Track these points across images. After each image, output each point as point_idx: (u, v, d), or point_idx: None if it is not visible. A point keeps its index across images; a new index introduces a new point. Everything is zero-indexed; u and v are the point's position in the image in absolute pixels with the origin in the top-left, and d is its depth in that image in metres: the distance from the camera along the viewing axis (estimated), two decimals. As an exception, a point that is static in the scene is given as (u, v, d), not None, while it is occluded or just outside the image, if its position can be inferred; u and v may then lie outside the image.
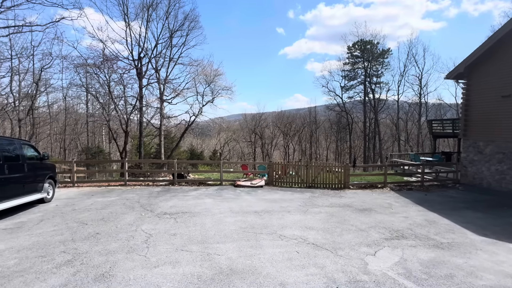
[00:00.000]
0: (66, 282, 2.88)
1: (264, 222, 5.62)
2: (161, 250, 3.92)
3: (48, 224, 5.29)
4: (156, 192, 9.43)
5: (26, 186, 6.58)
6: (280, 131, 48.02)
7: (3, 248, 3.92)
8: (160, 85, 21.45)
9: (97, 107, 25.47)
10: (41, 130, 24.31)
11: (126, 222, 5.46)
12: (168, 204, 7.37)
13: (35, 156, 7.24)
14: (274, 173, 11.52)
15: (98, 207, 6.85)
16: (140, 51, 19.72)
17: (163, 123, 22.46)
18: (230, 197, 8.65)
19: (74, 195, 8.85)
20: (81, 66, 16.94)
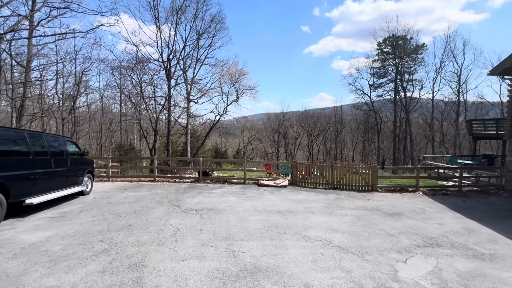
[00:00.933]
0: (104, 269, 3.11)
1: (287, 222, 5.59)
2: (188, 244, 4.07)
3: (87, 214, 5.74)
4: (183, 189, 9.79)
5: (69, 179, 7.19)
6: (304, 131, 47.28)
7: (50, 235, 4.34)
8: (187, 85, 22.21)
9: (130, 107, 27.08)
10: (80, 128, 26.39)
11: (156, 216, 5.75)
12: (194, 200, 7.63)
13: (76, 152, 7.88)
14: (298, 173, 11.39)
15: (130, 201, 7.29)
16: (169, 53, 20.58)
17: (189, 122, 23.24)
18: (254, 195, 8.72)
19: (109, 188, 9.50)
20: (116, 69, 18.11)
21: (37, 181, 5.79)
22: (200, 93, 22.28)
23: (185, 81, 21.45)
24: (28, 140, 5.71)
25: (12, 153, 5.23)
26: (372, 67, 38.67)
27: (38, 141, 6.06)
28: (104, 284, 2.77)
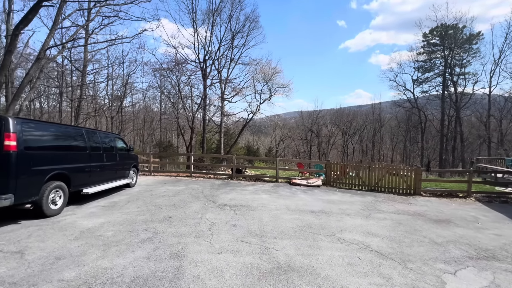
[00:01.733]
0: (149, 256, 3.39)
1: (321, 222, 5.47)
2: (223, 238, 4.22)
3: (133, 205, 6.27)
4: (217, 185, 10.14)
5: (117, 172, 7.92)
6: (338, 130, 45.56)
7: (103, 222, 4.84)
8: (221, 85, 22.87)
9: (169, 106, 28.79)
10: (126, 126, 28.81)
11: (193, 210, 6.06)
12: (228, 196, 7.86)
13: (124, 148, 8.64)
14: (332, 173, 11.04)
15: (170, 194, 7.78)
16: (205, 54, 21.37)
17: (223, 120, 23.93)
18: (286, 194, 8.69)
19: (151, 182, 10.24)
20: (157, 70, 19.39)
21: (92, 173, 6.49)
22: (233, 92, 22.80)
23: (219, 81, 22.11)
24: (85, 137, 6.43)
25: (73, 148, 5.93)
26: (416, 60, 35.68)
27: (93, 137, 6.79)
28: (149, 269, 3.02)
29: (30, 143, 4.67)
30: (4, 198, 4.10)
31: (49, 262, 3.10)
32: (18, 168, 4.34)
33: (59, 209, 5.27)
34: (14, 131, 4.36)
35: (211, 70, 21.84)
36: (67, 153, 5.66)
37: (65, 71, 17.41)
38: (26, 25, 8.14)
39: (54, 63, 15.46)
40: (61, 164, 5.36)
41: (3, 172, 4.20)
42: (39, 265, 3.00)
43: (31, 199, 4.63)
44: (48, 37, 9.05)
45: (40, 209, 4.83)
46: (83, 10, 14.53)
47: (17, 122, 4.47)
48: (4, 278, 2.67)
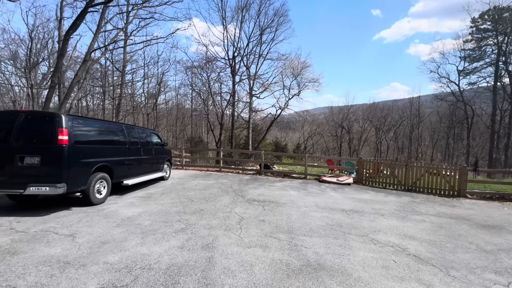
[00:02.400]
0: (182, 246, 3.56)
1: (353, 222, 5.28)
2: (252, 233, 4.28)
3: (167, 197, 6.63)
4: (246, 180, 10.29)
5: (153, 165, 8.42)
6: (371, 125, 43.30)
7: (141, 211, 5.20)
8: (250, 81, 23.01)
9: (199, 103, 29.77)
10: (160, 122, 30.45)
11: (222, 203, 6.22)
12: (256, 192, 7.93)
13: (158, 143, 9.14)
14: (365, 171, 10.56)
15: (200, 188, 8.08)
16: (234, 51, 21.64)
17: (251, 116, 24.10)
18: (315, 191, 8.52)
19: (183, 176, 10.73)
20: (189, 68, 20.11)
21: (131, 166, 6.98)
22: (262, 87, 22.82)
23: (248, 77, 22.25)
24: (125, 132, 6.92)
25: (115, 142, 6.42)
26: (462, 49, 32.30)
27: (131, 133, 7.28)
28: (183, 258, 3.17)
29: (79, 138, 5.15)
30: (59, 186, 4.60)
31: (96, 245, 3.41)
32: (70, 160, 4.82)
33: (103, 198, 5.76)
34: (66, 126, 4.84)
35: (240, 67, 22.10)
36: (110, 147, 6.14)
37: (107, 72, 18.87)
38: (75, 30, 8.92)
39: (98, 64, 16.85)
40: (104, 157, 5.84)
41: (58, 163, 4.70)
42: (88, 248, 3.32)
43: (80, 188, 5.13)
44: (93, 40, 9.84)
45: (87, 197, 5.33)
46: (122, 13, 15.55)
47: (68, 119, 4.96)
48: (60, 258, 3.00)
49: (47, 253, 3.13)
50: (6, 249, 3.19)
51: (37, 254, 3.09)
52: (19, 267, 2.75)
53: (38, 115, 5.03)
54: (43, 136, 4.75)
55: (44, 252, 3.14)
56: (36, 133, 4.80)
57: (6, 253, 3.07)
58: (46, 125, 4.77)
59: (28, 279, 2.52)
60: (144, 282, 2.59)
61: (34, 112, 5.06)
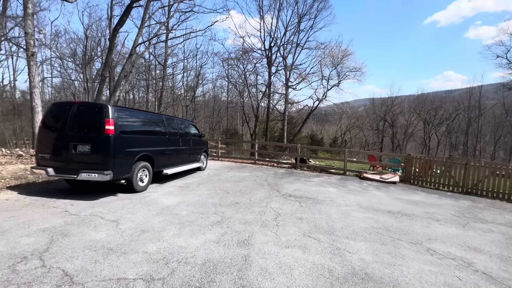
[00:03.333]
0: (218, 240, 3.48)
1: (402, 226, 4.71)
2: (289, 231, 4.04)
3: (203, 188, 6.71)
4: (280, 174, 10.03)
5: (191, 156, 8.62)
6: (419, 119, 39.41)
7: (179, 201, 5.30)
8: (286, 72, 22.37)
9: (235, 95, 30.06)
10: (198, 114, 31.56)
11: (258, 197, 6.08)
12: (292, 186, 7.64)
13: (196, 134, 9.32)
14: (413, 169, 9.53)
15: (235, 180, 8.05)
16: (271, 41, 21.12)
17: (287, 108, 23.55)
18: (356, 189, 7.92)
19: (219, 167, 10.88)
20: (226, 60, 20.23)
21: (171, 156, 7.20)
22: (299, 78, 22.04)
23: (284, 67, 21.64)
24: (165, 122, 7.13)
25: (156, 132, 6.64)
26: (541, 28, 27.08)
27: (171, 123, 7.48)
28: (219, 254, 3.07)
29: (124, 128, 5.39)
30: (106, 174, 4.87)
31: (136, 233, 3.50)
32: (115, 149, 5.07)
33: (145, 186, 6.02)
34: (113, 117, 5.08)
35: (276, 57, 21.57)
36: (151, 137, 6.37)
37: (151, 66, 19.94)
38: (121, 26, 9.40)
39: (143, 59, 17.87)
40: (146, 146, 6.07)
41: (105, 152, 4.97)
42: (129, 235, 3.41)
43: (124, 176, 5.40)
44: (138, 35, 10.30)
45: (131, 185, 5.61)
46: (164, 7, 16.08)
47: (114, 110, 5.20)
48: (104, 244, 3.12)
49: (93, 237, 3.28)
50: (59, 230, 3.43)
51: (85, 238, 3.26)
52: (68, 249, 2.91)
53: (89, 106, 5.37)
54: (92, 126, 5.06)
55: (91, 237, 3.30)
56: (86, 123, 5.12)
57: (59, 235, 3.29)
58: (95, 116, 5.06)
59: (75, 262, 2.64)
60: (180, 277, 2.53)
61: (85, 103, 5.42)
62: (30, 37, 10.51)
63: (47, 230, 3.40)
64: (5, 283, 2.23)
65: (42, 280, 2.31)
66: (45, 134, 5.29)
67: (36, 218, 3.85)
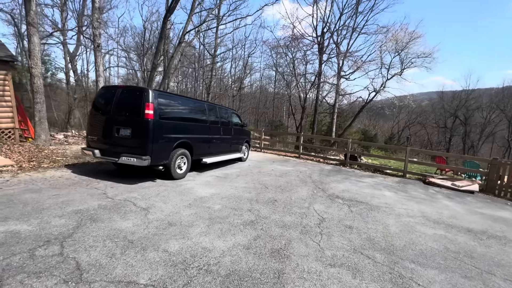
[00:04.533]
0: (248, 245, 2.97)
1: (491, 253, 3.53)
2: (336, 243, 3.31)
3: (241, 180, 6.31)
4: (327, 170, 9.09)
5: (232, 146, 8.32)
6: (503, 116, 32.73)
7: (214, 193, 4.97)
8: (338, 60, 20.55)
9: (282, 86, 29.16)
10: (244, 104, 31.67)
11: (299, 196, 5.40)
12: (340, 186, 6.72)
13: (238, 123, 8.97)
14: (501, 177, 7.58)
15: (277, 174, 7.48)
16: (324, 26, 19.51)
17: (337, 100, 21.78)
18: (420, 196, 6.60)
19: (260, 159, 10.44)
20: (274, 48, 19.44)
21: (211, 145, 6.97)
22: (354, 66, 20.00)
23: (337, 55, 19.86)
24: (206, 110, 6.88)
25: (196, 120, 6.43)
26: None
27: (212, 111, 7.22)
28: (247, 265, 2.56)
29: (163, 113, 5.24)
30: (144, 159, 4.79)
31: (162, 226, 3.22)
32: (154, 134, 4.95)
33: (183, 173, 5.89)
34: (152, 101, 4.95)
35: (328, 44, 19.90)
36: (191, 124, 6.18)
37: (201, 56, 20.44)
38: (171, 13, 9.46)
39: (193, 48, 18.38)
40: (186, 133, 5.89)
41: (144, 136, 4.89)
42: (154, 228, 3.15)
43: (162, 162, 5.30)
44: (187, 22, 10.31)
45: (169, 171, 5.50)
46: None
47: (154, 94, 5.07)
48: (127, 235, 2.89)
49: (119, 226, 3.10)
50: (90, 214, 3.35)
51: (111, 225, 3.09)
52: (91, 237, 2.74)
53: (131, 90, 5.36)
54: (133, 110, 5.02)
55: (117, 225, 3.12)
56: (128, 106, 5.11)
57: (89, 219, 3.19)
58: (136, 100, 4.99)
59: (92, 254, 2.42)
60: (197, 290, 2.09)
61: (128, 87, 5.44)
62: (96, 30, 11.43)
63: (79, 213, 3.36)
64: (18, 269, 2.10)
65: (53, 271, 2.12)
66: (94, 117, 5.48)
67: (76, 198, 3.91)
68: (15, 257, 2.25)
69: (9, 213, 3.14)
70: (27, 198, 3.71)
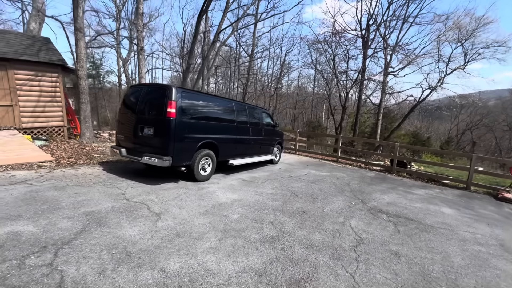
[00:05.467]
0: (262, 271, 2.44)
1: None
2: (376, 277, 2.58)
3: (269, 185, 5.78)
4: (369, 178, 8.03)
5: (262, 147, 7.84)
6: None
7: (236, 199, 4.54)
8: (386, 55, 18.59)
9: (322, 85, 27.76)
10: (281, 104, 31.01)
11: (334, 207, 4.66)
12: (384, 198, 5.74)
13: (270, 123, 8.45)
14: None
15: (309, 180, 6.77)
16: (369, 18, 17.84)
17: (383, 99, 19.77)
18: (492, 216, 5.27)
19: (294, 162, 9.76)
20: (313, 44, 18.43)
21: (238, 146, 6.58)
22: (405, 61, 17.88)
23: (384, 49, 17.98)
24: (234, 109, 6.51)
25: (222, 119, 6.10)
26: None
27: (241, 110, 6.83)
28: (256, 299, 2.03)
29: (187, 111, 5.00)
30: (165, 159, 4.59)
31: (169, 237, 2.88)
32: (176, 133, 4.73)
33: (207, 175, 5.60)
34: (175, 99, 4.73)
35: (374, 37, 18.13)
36: (217, 124, 5.85)
37: (237, 55, 20.44)
38: (206, 12, 9.36)
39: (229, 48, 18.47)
40: (211, 133, 5.59)
41: (165, 136, 4.69)
42: (159, 239, 2.82)
43: (184, 163, 5.06)
44: (221, 21, 10.16)
45: (192, 173, 5.25)
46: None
47: (177, 91, 4.84)
48: (127, 245, 2.61)
49: (123, 233, 2.84)
50: (100, 217, 3.18)
51: (115, 232, 2.85)
52: (89, 246, 2.51)
53: (154, 87, 5.23)
54: (156, 108, 4.87)
55: (122, 232, 2.87)
56: (152, 105, 4.98)
57: (96, 223, 3.01)
58: (159, 98, 4.83)
59: (82, 268, 2.16)
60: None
61: (152, 84, 5.34)
62: (139, 34, 12.03)
63: (90, 215, 3.22)
64: (0, 280, 1.90)
65: (32, 286, 1.87)
66: (122, 115, 5.51)
67: (94, 197, 3.83)
68: (3, 265, 2.08)
69: (24, 211, 3.13)
70: (48, 195, 3.74)
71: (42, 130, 7.95)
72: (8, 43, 7.48)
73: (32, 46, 7.93)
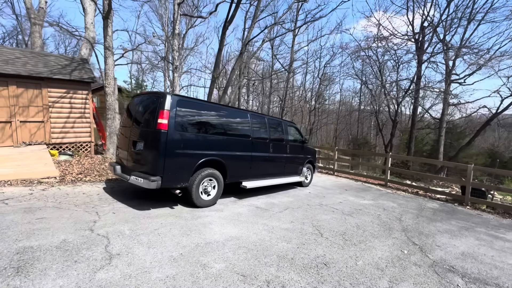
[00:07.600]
0: None
1: None
2: None
3: (287, 216, 4.51)
4: (430, 210, 6.05)
5: (287, 167, 6.61)
6: None
7: (234, 235, 3.42)
8: (446, 60, 15.79)
9: (367, 97, 25.22)
10: (323, 120, 29.07)
11: (374, 258, 3.16)
12: (456, 245, 3.92)
13: (298, 139, 7.22)
14: None
15: (345, 211, 5.25)
16: (423, 20, 15.56)
17: (446, 112, 16.63)
18: None
19: (329, 185, 8.20)
20: (355, 53, 16.78)
21: (253, 165, 5.51)
22: (473, 66, 14.87)
23: (444, 52, 15.29)
24: (250, 121, 5.53)
25: (233, 133, 5.14)
26: None
27: (259, 123, 5.82)
28: None
29: (184, 123, 4.19)
30: (152, 180, 3.78)
31: (94, 303, 1.90)
32: (167, 149, 3.92)
33: (211, 200, 4.62)
34: (168, 108, 3.98)
35: (431, 41, 15.64)
36: (225, 138, 4.91)
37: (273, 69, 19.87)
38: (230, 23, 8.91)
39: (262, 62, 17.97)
40: (216, 149, 4.66)
41: (153, 152, 3.92)
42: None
43: (179, 185, 4.18)
44: (249, 32, 9.59)
45: (189, 197, 4.34)
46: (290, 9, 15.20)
47: (173, 100, 4.09)
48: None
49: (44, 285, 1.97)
50: (31, 258, 2.41)
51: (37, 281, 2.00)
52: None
53: (149, 96, 4.58)
54: (147, 119, 4.19)
55: (45, 282, 2.01)
56: (144, 115, 4.34)
57: (29, 264, 2.23)
58: (152, 107, 4.15)
59: None
60: None
61: (148, 92, 4.72)
62: (175, 53, 12.29)
63: (22, 252, 2.47)
64: None
65: None
66: (121, 128, 5.00)
67: (54, 226, 3.15)
68: None
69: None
70: (9, 220, 3.19)
71: (70, 145, 8.12)
72: (46, 64, 8.00)
73: (68, 66, 8.39)
